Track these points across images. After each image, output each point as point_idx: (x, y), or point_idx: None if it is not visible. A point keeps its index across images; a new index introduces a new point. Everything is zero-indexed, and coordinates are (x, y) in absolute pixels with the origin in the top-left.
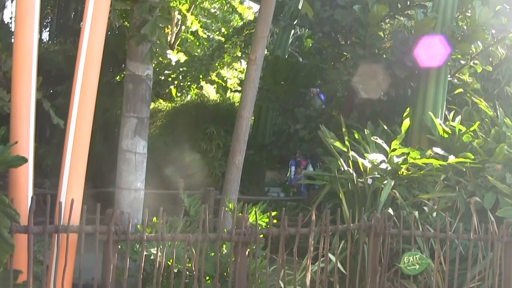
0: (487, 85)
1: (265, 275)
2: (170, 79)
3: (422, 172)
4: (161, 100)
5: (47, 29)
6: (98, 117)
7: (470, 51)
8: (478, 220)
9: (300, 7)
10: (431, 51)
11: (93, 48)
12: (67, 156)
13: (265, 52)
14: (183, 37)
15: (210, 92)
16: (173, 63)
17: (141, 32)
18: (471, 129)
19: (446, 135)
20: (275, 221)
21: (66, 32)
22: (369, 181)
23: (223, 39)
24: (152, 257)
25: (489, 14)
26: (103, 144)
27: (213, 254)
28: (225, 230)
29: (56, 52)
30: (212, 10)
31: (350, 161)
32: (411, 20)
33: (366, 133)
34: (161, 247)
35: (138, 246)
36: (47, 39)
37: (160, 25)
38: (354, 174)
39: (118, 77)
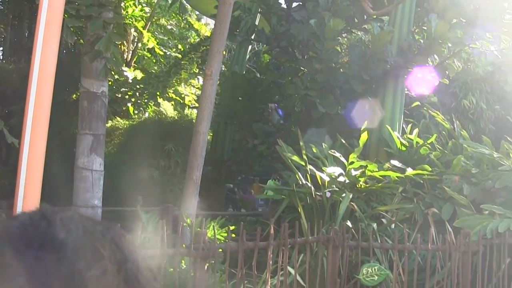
0: (444, 98)
1: None
2: (127, 96)
3: (380, 184)
4: (118, 118)
5: (0, 48)
6: (54, 137)
7: (427, 64)
8: (436, 231)
9: (256, 22)
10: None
11: (46, 66)
12: (21, 176)
13: (223, 68)
14: (140, 54)
15: (167, 109)
16: (130, 81)
17: (95, 48)
18: (429, 141)
19: (403, 148)
20: (233, 235)
21: (20, 50)
22: (328, 194)
23: (180, 55)
24: None
25: (445, 28)
26: (59, 163)
27: (171, 269)
28: (183, 245)
29: (10, 71)
30: (169, 27)
31: (308, 175)
32: (368, 34)
33: (324, 147)
34: None
35: None
36: (1, 58)
37: (115, 41)
38: (313, 187)
39: (74, 95)
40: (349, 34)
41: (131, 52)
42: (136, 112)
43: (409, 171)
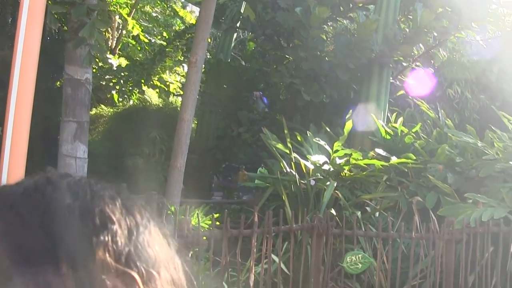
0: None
1: (209, 277)
2: (111, 84)
3: (364, 173)
4: (102, 106)
5: None
6: (38, 124)
7: (412, 53)
8: (420, 219)
9: (242, 10)
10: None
11: (29, 53)
12: (4, 163)
13: (208, 56)
14: (124, 41)
15: (152, 96)
16: (114, 68)
17: (78, 35)
18: (413, 130)
19: (388, 137)
20: (218, 223)
21: (2, 37)
22: (312, 182)
23: (164, 43)
24: None
25: (431, 17)
26: (43, 151)
27: None
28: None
29: None
30: (154, 14)
31: (292, 163)
32: (353, 22)
33: (308, 135)
34: None
35: None
36: None
37: (99, 28)
38: (297, 175)
39: (58, 83)
40: (335, 22)
41: (115, 39)
42: (120, 99)
43: (394, 159)
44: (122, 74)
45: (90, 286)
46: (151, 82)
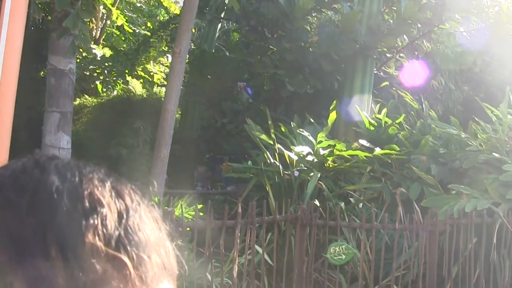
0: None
1: (192, 268)
2: (95, 74)
3: (348, 164)
4: (86, 96)
5: None
6: (21, 114)
7: (396, 45)
8: (404, 210)
9: (226, 0)
10: None
11: (13, 42)
12: None
13: (192, 46)
14: (109, 31)
15: (136, 87)
16: (99, 58)
17: (62, 25)
18: (397, 121)
19: (372, 128)
20: (201, 214)
21: None
22: (296, 173)
23: (148, 33)
24: None
25: (415, 8)
26: (27, 141)
27: None
28: None
29: None
30: (138, 4)
31: (276, 154)
32: (337, 13)
33: (292, 126)
34: None
35: None
36: None
37: (83, 18)
38: (281, 166)
39: (41, 73)
40: (319, 13)
41: (99, 29)
42: (104, 90)
43: (377, 150)
44: (106, 64)
45: (80, 271)
46: (135, 73)
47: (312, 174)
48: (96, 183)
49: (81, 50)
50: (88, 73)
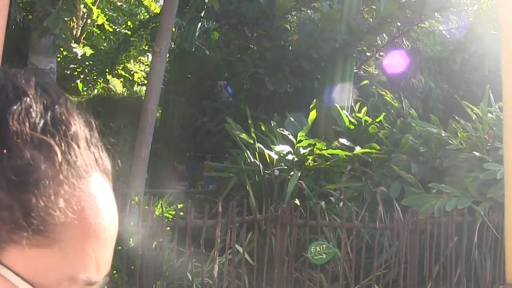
0: (392, 76)
1: (173, 267)
2: (76, 73)
3: (328, 163)
4: (67, 95)
5: None
6: None
7: (376, 43)
8: (384, 209)
9: None
10: None
11: None
12: None
13: (172, 45)
14: (89, 30)
15: (117, 86)
16: (79, 57)
17: (43, 24)
18: (377, 120)
19: (352, 126)
20: (182, 213)
21: None
22: (276, 172)
23: (129, 32)
24: None
25: (394, 7)
26: None
27: (120, 248)
28: (131, 223)
29: None
30: (118, 3)
31: (257, 153)
32: (317, 12)
33: (272, 125)
34: None
35: None
36: None
37: (64, 18)
38: (261, 165)
39: (22, 72)
40: (299, 12)
41: (80, 28)
42: (85, 88)
43: (358, 149)
44: (87, 63)
45: (8, 156)
46: (116, 71)
47: (292, 173)
48: (19, 79)
49: (61, 49)
50: (68, 72)
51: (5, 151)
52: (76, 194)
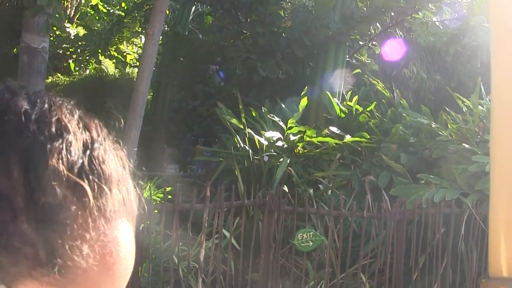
0: (385, 66)
1: (159, 250)
2: (68, 53)
3: (318, 150)
4: (59, 74)
5: None
6: None
7: (369, 32)
8: (372, 198)
9: None
10: None
11: None
12: None
13: (165, 28)
14: (83, 11)
15: (109, 67)
16: (72, 37)
17: (37, 3)
18: (368, 109)
19: (343, 115)
20: (170, 196)
21: None
22: (265, 158)
23: (123, 13)
24: None
25: None
26: None
27: None
28: None
29: None
30: None
31: (246, 138)
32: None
33: (263, 111)
34: None
35: None
36: None
37: None
38: (251, 151)
39: (15, 49)
40: None
41: (74, 8)
42: (77, 68)
43: (348, 138)
44: (80, 43)
45: (40, 192)
46: (108, 52)
47: (281, 159)
48: (64, 111)
49: (54, 28)
50: (61, 52)
51: (39, 188)
52: (100, 239)
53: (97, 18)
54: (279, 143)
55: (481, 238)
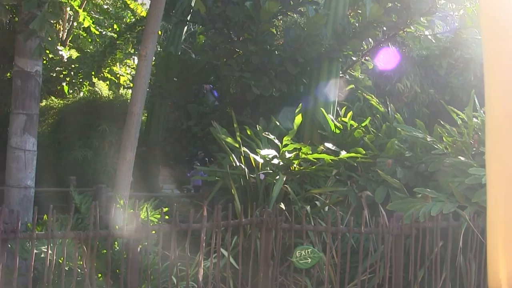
0: (378, 81)
1: (158, 271)
2: (61, 76)
3: (314, 167)
4: (53, 97)
5: None
6: None
7: (362, 48)
8: (369, 213)
9: (192, 3)
10: None
11: None
12: None
13: (158, 49)
14: (75, 33)
15: (102, 88)
16: (65, 60)
17: (29, 27)
18: (363, 124)
19: (337, 131)
20: (167, 217)
21: None
22: (261, 176)
23: (115, 35)
24: (42, 256)
25: (380, 11)
26: None
27: (104, 251)
28: (116, 227)
29: None
30: (105, 6)
31: (242, 157)
32: (303, 16)
33: (258, 129)
34: (51, 245)
35: (28, 244)
36: None
37: (50, 20)
38: (246, 169)
39: (8, 74)
40: (285, 16)
41: (66, 30)
42: (70, 91)
43: (343, 154)
44: (73, 66)
45: None
46: (102, 74)
47: (277, 177)
48: None
49: (47, 51)
50: (54, 75)
51: None
52: None
53: (89, 40)
54: (275, 161)
55: (480, 251)
